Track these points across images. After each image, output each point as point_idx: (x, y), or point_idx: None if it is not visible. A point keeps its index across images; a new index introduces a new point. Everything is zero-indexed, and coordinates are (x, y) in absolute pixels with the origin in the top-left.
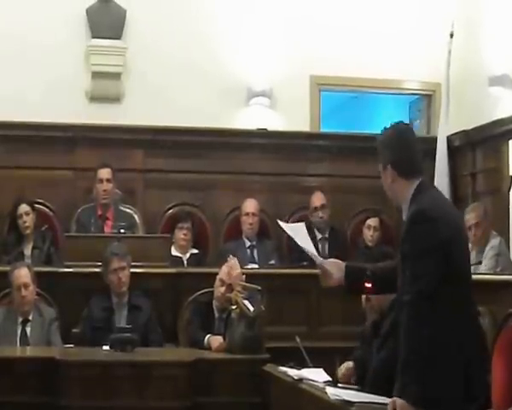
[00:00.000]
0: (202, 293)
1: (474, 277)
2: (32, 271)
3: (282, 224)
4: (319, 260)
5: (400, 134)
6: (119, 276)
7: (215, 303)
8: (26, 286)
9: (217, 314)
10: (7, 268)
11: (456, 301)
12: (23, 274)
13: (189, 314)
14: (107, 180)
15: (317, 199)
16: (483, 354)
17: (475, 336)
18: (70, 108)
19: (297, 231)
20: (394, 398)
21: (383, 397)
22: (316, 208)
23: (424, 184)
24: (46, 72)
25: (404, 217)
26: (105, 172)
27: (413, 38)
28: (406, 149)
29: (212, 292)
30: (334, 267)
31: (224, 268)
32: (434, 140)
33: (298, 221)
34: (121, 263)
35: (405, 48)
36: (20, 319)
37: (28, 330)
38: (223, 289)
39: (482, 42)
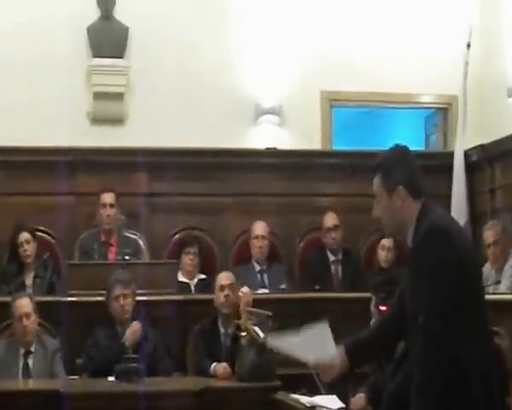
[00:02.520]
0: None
1: (492, 297)
2: (34, 301)
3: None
4: (312, 360)
5: (408, 154)
6: (121, 303)
7: (220, 320)
8: (27, 316)
9: (222, 330)
10: (8, 299)
11: (473, 322)
12: (24, 304)
13: (194, 342)
14: (111, 205)
15: (330, 219)
16: (501, 377)
17: (493, 357)
18: (71, 130)
19: (286, 342)
20: None
21: None
22: (328, 229)
23: (429, 203)
24: (46, 93)
25: (409, 241)
26: (108, 197)
27: (428, 49)
28: (415, 168)
29: (216, 316)
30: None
31: (222, 275)
32: (451, 155)
33: (310, 243)
34: (124, 290)
35: (420, 60)
36: (22, 351)
37: (30, 362)
38: (223, 294)
39: (500, 52)
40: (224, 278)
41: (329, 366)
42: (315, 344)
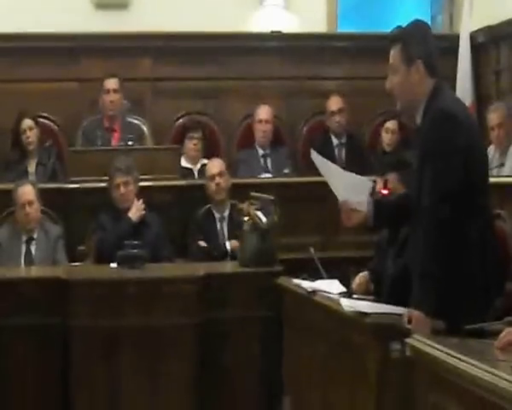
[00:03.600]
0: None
1: (496, 179)
2: (37, 188)
3: (314, 155)
4: (343, 197)
5: (428, 30)
6: (121, 191)
7: (213, 207)
8: (30, 204)
9: (218, 215)
10: (10, 186)
11: (476, 206)
12: (27, 191)
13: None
14: (114, 91)
15: (334, 103)
16: (504, 260)
17: (495, 242)
18: (75, 16)
19: (327, 167)
20: (410, 309)
21: (399, 307)
22: (332, 113)
23: (442, 84)
24: None
25: (419, 119)
26: (112, 83)
27: None
28: (434, 45)
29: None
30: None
31: (211, 163)
32: (457, 37)
33: (314, 127)
34: (124, 178)
35: None
36: (25, 238)
37: (33, 248)
38: (213, 183)
39: None
40: (213, 166)
41: (355, 210)
42: (352, 187)
